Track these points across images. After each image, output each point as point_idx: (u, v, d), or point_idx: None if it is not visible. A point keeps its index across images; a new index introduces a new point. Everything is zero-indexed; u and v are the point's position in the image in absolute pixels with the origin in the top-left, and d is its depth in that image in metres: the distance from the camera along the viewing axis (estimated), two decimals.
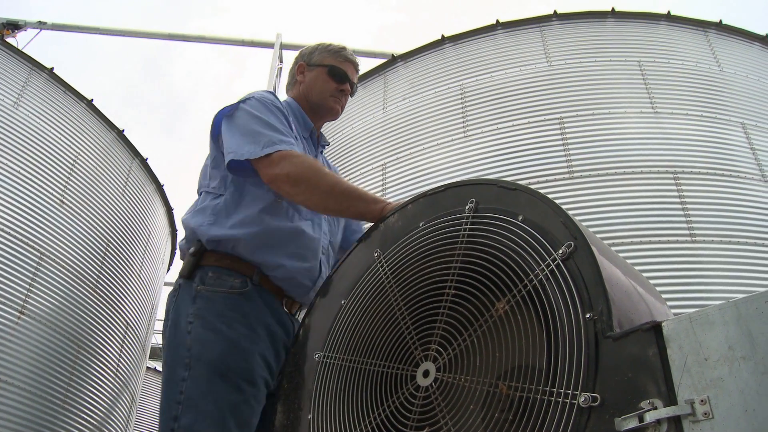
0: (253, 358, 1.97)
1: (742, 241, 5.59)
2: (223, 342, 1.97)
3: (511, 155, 6.25)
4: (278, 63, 11.10)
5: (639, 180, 5.89)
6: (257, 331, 2.03)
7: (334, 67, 2.54)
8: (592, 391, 1.20)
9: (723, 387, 1.08)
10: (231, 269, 2.10)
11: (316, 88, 2.54)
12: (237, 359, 1.95)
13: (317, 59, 2.58)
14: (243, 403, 1.91)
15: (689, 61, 6.93)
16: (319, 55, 2.59)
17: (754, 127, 6.52)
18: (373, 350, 1.69)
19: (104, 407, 6.86)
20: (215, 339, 1.98)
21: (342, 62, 2.57)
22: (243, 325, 2.01)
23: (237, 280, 2.08)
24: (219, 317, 2.02)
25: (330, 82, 2.53)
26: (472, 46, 7.34)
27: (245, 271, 2.11)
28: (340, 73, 2.54)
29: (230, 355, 1.95)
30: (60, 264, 6.50)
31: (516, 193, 1.54)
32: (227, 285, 2.07)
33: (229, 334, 1.98)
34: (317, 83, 2.54)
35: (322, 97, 2.53)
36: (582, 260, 1.33)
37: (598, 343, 1.23)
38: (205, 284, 2.08)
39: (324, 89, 2.53)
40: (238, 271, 2.10)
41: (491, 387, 1.39)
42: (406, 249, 1.71)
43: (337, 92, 2.54)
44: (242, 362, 1.95)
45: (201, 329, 2.01)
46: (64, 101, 7.45)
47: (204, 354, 1.96)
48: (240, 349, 1.97)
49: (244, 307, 2.05)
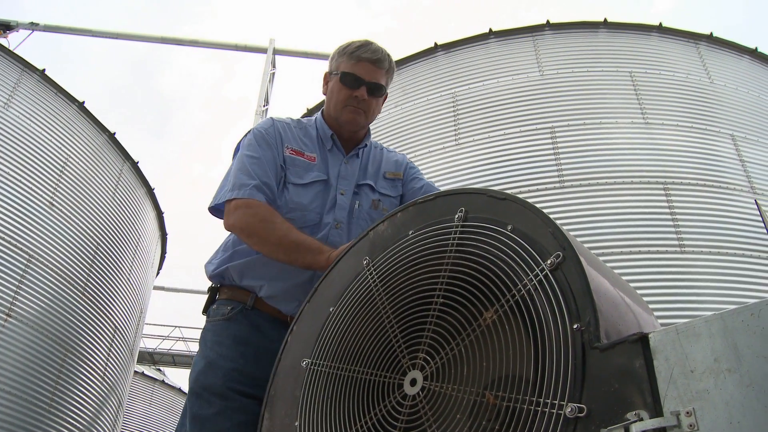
0: (227, 374, 2.12)
1: (731, 252, 5.63)
2: (202, 363, 2.17)
3: (502, 164, 6.27)
4: (271, 68, 11.10)
5: (629, 190, 5.92)
6: (239, 349, 2.18)
7: (346, 74, 2.39)
8: (578, 402, 1.20)
9: (708, 399, 1.08)
10: (228, 299, 2.31)
11: (333, 99, 2.44)
12: (210, 377, 2.12)
13: (334, 66, 2.45)
14: (216, 415, 2.05)
15: (680, 73, 6.99)
16: (336, 62, 2.45)
17: (744, 139, 6.57)
18: (360, 358, 1.68)
19: (91, 411, 6.82)
20: (198, 362, 2.20)
21: (355, 64, 2.39)
22: (224, 346, 2.19)
23: (228, 307, 2.28)
24: (207, 343, 2.24)
25: (343, 89, 2.40)
26: (465, 54, 7.36)
27: (241, 297, 2.29)
28: (351, 79, 2.38)
29: (203, 373, 2.14)
30: (48, 266, 6.47)
31: (505, 202, 1.54)
32: (220, 314, 2.28)
33: (209, 356, 2.18)
34: (333, 94, 2.44)
35: (336, 110, 2.43)
36: (570, 271, 1.33)
37: (585, 353, 1.23)
38: (209, 317, 2.32)
39: (338, 100, 2.41)
40: (233, 299, 2.30)
41: (478, 396, 1.38)
42: (395, 257, 1.71)
43: (351, 100, 2.39)
44: (213, 378, 2.11)
45: (196, 357, 2.25)
46: (55, 103, 7.43)
47: (190, 377, 2.19)
48: (214, 367, 2.14)
49: (229, 330, 2.23)
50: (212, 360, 2.15)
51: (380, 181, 2.51)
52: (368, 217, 2.41)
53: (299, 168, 2.36)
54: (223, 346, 2.18)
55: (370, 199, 2.45)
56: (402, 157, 2.67)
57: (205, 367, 2.14)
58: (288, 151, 2.38)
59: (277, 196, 2.29)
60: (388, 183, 2.53)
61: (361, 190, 2.45)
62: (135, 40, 12.72)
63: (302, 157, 2.39)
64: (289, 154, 2.37)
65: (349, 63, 2.39)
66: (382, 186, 2.50)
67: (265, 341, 2.20)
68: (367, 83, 2.38)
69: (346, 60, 2.40)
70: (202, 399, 2.08)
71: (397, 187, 2.55)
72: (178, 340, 21.07)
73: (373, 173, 2.52)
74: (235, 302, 2.28)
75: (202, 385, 2.11)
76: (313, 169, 2.38)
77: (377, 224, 1.88)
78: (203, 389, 2.10)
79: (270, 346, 2.15)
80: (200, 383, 2.11)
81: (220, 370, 2.12)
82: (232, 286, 2.32)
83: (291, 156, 2.37)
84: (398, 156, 2.66)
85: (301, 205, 2.31)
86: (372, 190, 2.47)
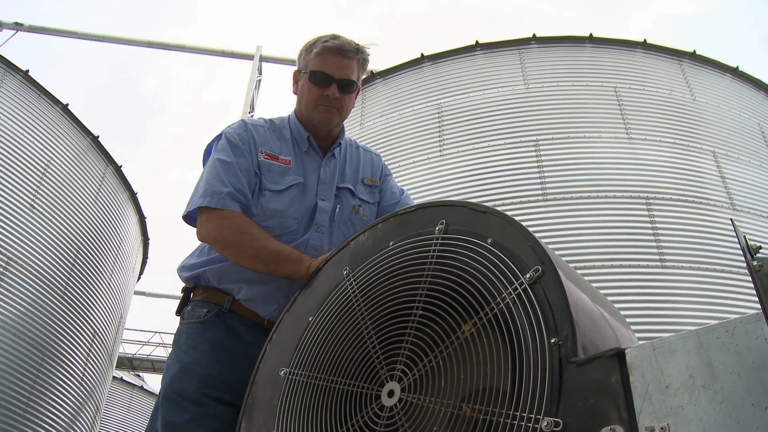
0: (202, 380, 2.06)
1: (711, 267, 5.68)
2: (176, 368, 2.11)
3: (486, 176, 6.30)
4: (257, 75, 11.09)
5: (612, 204, 5.96)
6: (215, 354, 2.12)
7: (315, 72, 2.28)
8: (554, 416, 1.20)
9: (683, 415, 1.09)
10: (204, 300, 2.25)
11: (304, 99, 2.35)
12: (184, 382, 2.06)
13: (303, 64, 2.35)
14: (191, 422, 2.00)
15: (664, 89, 7.06)
16: (304, 59, 2.35)
17: (725, 156, 6.64)
18: (338, 368, 1.68)
19: (67, 417, 6.74)
20: (172, 367, 2.14)
21: (322, 60, 2.28)
22: (199, 351, 2.13)
23: (204, 309, 2.21)
24: (181, 346, 2.17)
25: (312, 89, 2.30)
26: (451, 65, 7.40)
27: (217, 300, 2.23)
28: (321, 77, 2.28)
29: (178, 378, 2.08)
30: (27, 269, 6.40)
31: (486, 215, 1.55)
32: (195, 317, 2.21)
33: (183, 360, 2.12)
34: (303, 94, 2.35)
35: (309, 109, 2.34)
36: (549, 285, 1.34)
37: (562, 368, 1.24)
38: (183, 319, 2.26)
39: (309, 100, 2.32)
40: (209, 301, 2.24)
41: (455, 409, 1.38)
42: (375, 268, 1.71)
43: (323, 99, 2.29)
44: (188, 384, 2.07)
45: (169, 361, 2.19)
46: (38, 104, 7.37)
47: (163, 381, 2.14)
48: (188, 372, 2.08)
49: (205, 334, 2.17)
50: (187, 365, 2.09)
51: (359, 186, 2.46)
52: (349, 221, 2.37)
53: (274, 173, 2.28)
54: (198, 350, 2.12)
55: (351, 204, 2.40)
56: (377, 158, 2.61)
57: (179, 372, 2.08)
58: (263, 156, 2.29)
59: (252, 203, 2.23)
60: (366, 189, 2.48)
61: (341, 193, 2.39)
62: (121, 44, 12.66)
63: (277, 162, 2.30)
64: (264, 159, 2.28)
65: (316, 60, 2.29)
66: (361, 191, 2.45)
67: (241, 346, 2.15)
68: (338, 80, 2.28)
69: (313, 57, 2.30)
70: (175, 405, 2.03)
71: (375, 194, 2.51)
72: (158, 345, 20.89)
73: (352, 176, 2.46)
74: (211, 304, 2.21)
75: (176, 390, 2.05)
76: (289, 173, 2.30)
77: (358, 234, 1.88)
78: (177, 395, 2.04)
79: (246, 351, 2.12)
80: (174, 388, 2.06)
81: (195, 376, 2.06)
82: (208, 288, 2.26)
83: (266, 161, 2.28)
84: (374, 156, 2.60)
85: (279, 211, 2.24)
86: (352, 195, 2.42)
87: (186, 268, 2.32)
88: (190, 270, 2.30)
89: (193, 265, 2.31)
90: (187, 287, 2.32)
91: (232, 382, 2.07)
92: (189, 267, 2.32)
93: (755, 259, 1.05)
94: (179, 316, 2.30)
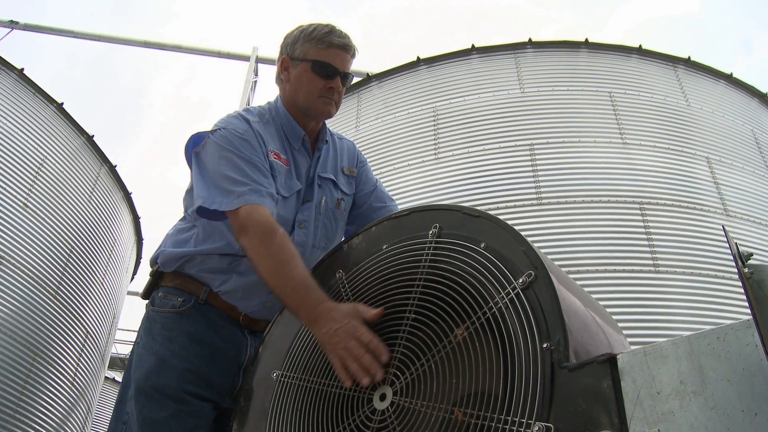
0: (182, 375, 1.98)
1: (704, 272, 5.69)
2: (152, 360, 2.01)
3: (481, 179, 6.30)
4: (253, 76, 11.09)
5: (606, 209, 5.97)
6: (194, 349, 2.03)
7: (318, 63, 2.18)
8: (546, 421, 1.20)
9: (674, 421, 1.09)
10: (179, 288, 2.13)
11: (302, 89, 2.21)
12: (162, 376, 1.98)
13: (300, 52, 2.22)
14: (170, 418, 1.92)
15: (658, 95, 7.08)
16: (302, 46, 2.22)
17: (719, 162, 6.67)
18: (331, 371, 1.68)
19: (59, 416, 6.71)
20: (146, 358, 2.03)
21: (327, 51, 2.19)
22: (177, 343, 2.03)
23: (180, 299, 2.10)
24: (156, 337, 2.06)
25: (316, 80, 2.19)
26: (447, 69, 7.41)
27: (193, 289, 2.12)
28: (326, 68, 2.18)
29: (155, 372, 1.98)
30: (20, 269, 6.38)
31: (479, 220, 1.55)
32: (169, 305, 2.10)
33: (160, 352, 2.02)
34: (303, 83, 2.21)
35: (309, 100, 2.21)
36: (541, 290, 1.34)
37: (554, 372, 1.24)
38: (154, 305, 2.14)
39: (311, 90, 2.20)
40: (184, 290, 2.12)
41: (447, 413, 1.38)
42: (369, 271, 1.71)
43: (326, 91, 2.20)
44: (167, 379, 1.97)
45: (140, 350, 2.07)
46: (33, 103, 7.35)
47: (136, 373, 2.02)
48: (166, 366, 1.99)
49: (182, 326, 2.06)
50: (164, 358, 2.00)
51: (340, 176, 2.37)
52: (332, 216, 2.29)
53: (283, 176, 2.16)
54: (175, 343, 2.02)
55: (335, 197, 2.31)
56: (353, 145, 2.52)
57: (156, 366, 1.99)
58: (272, 155, 2.14)
59: None
60: (345, 179, 2.39)
61: (324, 184, 2.30)
62: (118, 43, 12.64)
63: (281, 161, 2.17)
64: (274, 158, 2.14)
65: (318, 49, 2.19)
66: (342, 182, 2.36)
67: (220, 340, 2.07)
68: (341, 73, 2.21)
69: (314, 46, 2.20)
70: (153, 400, 1.94)
71: (352, 185, 2.42)
72: None
73: (332, 165, 2.37)
74: (187, 294, 2.10)
75: (153, 385, 1.96)
76: (291, 177, 2.20)
77: (352, 237, 1.88)
78: (154, 390, 1.95)
79: (224, 346, 2.08)
80: (152, 383, 1.96)
81: (174, 370, 1.98)
82: (182, 274, 2.14)
83: (275, 161, 2.15)
84: (349, 144, 2.51)
85: (285, 219, 2.13)
86: (335, 187, 2.33)
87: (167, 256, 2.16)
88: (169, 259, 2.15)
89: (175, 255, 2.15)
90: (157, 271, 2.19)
91: (209, 378, 2.01)
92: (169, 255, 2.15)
93: (746, 266, 1.05)
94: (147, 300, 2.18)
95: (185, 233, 2.21)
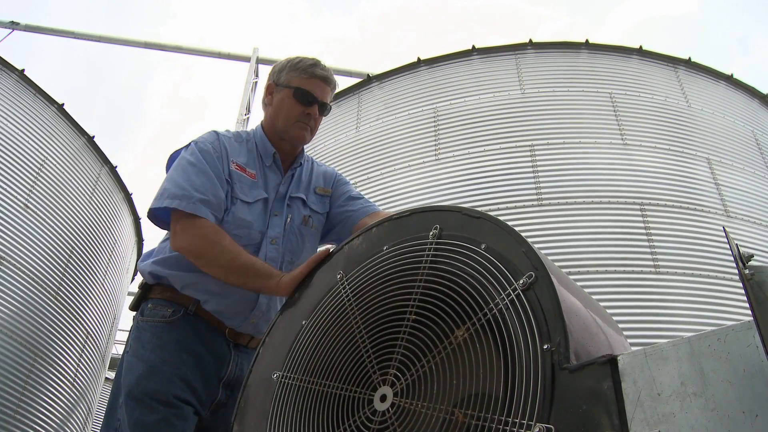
0: (171, 381, 2.08)
1: (705, 273, 5.69)
2: (142, 367, 2.11)
3: (481, 180, 6.30)
4: (254, 77, 11.09)
5: (606, 210, 5.97)
6: (182, 356, 2.14)
7: (299, 90, 2.37)
8: (546, 422, 1.20)
9: (674, 422, 1.09)
10: (169, 300, 2.24)
11: (282, 113, 2.40)
12: (153, 382, 2.07)
13: (285, 79, 2.42)
14: (160, 422, 2.01)
15: (659, 96, 7.08)
16: (287, 75, 2.42)
17: (719, 163, 6.67)
18: (331, 372, 1.68)
19: (59, 417, 6.71)
20: (136, 365, 2.13)
21: (309, 81, 2.39)
22: (167, 351, 2.13)
23: (170, 309, 2.22)
24: (146, 344, 2.16)
25: (296, 105, 2.38)
26: (447, 70, 7.41)
27: (183, 301, 2.23)
28: (307, 96, 2.38)
29: (146, 378, 2.08)
30: (20, 269, 6.38)
31: (480, 221, 1.55)
32: (159, 315, 2.21)
33: (149, 359, 2.12)
34: (283, 107, 2.40)
35: (287, 124, 2.40)
36: (542, 291, 1.34)
37: (554, 374, 1.24)
38: (143, 315, 2.24)
39: (289, 115, 2.39)
40: (175, 302, 2.23)
41: (448, 414, 1.38)
42: (369, 272, 1.71)
43: (303, 116, 2.39)
44: (157, 384, 2.07)
45: (130, 357, 2.18)
46: (33, 104, 7.35)
47: (126, 380, 2.12)
48: (157, 372, 2.09)
49: (172, 335, 2.17)
50: (155, 364, 2.10)
51: (311, 195, 2.50)
52: (299, 232, 2.41)
53: (244, 185, 2.32)
54: (165, 350, 2.13)
55: (302, 214, 2.44)
56: (331, 170, 2.67)
57: (147, 372, 2.09)
58: (234, 165, 2.32)
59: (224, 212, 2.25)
60: (317, 198, 2.52)
61: (293, 203, 2.43)
62: (119, 44, 12.64)
63: (245, 174, 2.34)
64: (235, 169, 2.32)
65: (301, 78, 2.39)
66: (312, 201, 2.49)
67: (204, 350, 2.19)
68: (320, 102, 2.40)
69: (298, 75, 2.39)
70: (144, 405, 2.04)
71: (325, 203, 2.55)
72: None
73: (305, 186, 2.51)
74: (176, 305, 2.22)
75: (144, 390, 2.06)
76: (256, 187, 2.35)
77: (352, 238, 1.88)
78: (145, 395, 2.05)
79: (209, 358, 2.18)
80: (142, 388, 2.06)
81: (164, 376, 2.08)
82: (171, 288, 2.25)
83: (237, 171, 2.32)
84: (327, 169, 2.65)
85: (247, 222, 2.27)
86: (303, 205, 2.46)
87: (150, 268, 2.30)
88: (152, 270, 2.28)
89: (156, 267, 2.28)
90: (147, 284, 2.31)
91: (192, 385, 2.11)
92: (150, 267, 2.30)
93: (747, 268, 1.05)
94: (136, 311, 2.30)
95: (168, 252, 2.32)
